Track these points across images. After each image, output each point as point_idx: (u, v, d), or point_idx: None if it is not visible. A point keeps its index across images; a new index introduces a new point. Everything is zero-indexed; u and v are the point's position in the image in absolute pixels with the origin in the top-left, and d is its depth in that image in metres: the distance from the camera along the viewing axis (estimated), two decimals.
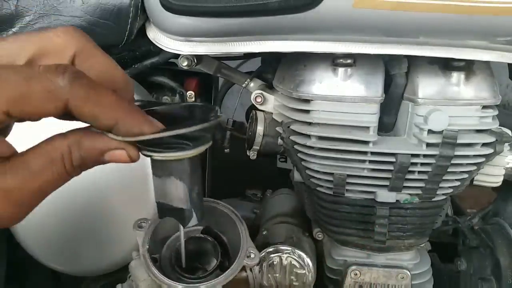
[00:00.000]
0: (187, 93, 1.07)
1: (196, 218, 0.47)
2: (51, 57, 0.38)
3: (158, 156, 0.42)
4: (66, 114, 0.37)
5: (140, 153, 0.42)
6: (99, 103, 0.37)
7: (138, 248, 0.65)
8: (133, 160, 0.41)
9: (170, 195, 0.45)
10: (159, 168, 0.45)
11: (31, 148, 0.38)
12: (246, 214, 1.22)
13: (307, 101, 0.81)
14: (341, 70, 0.79)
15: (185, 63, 0.82)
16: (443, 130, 0.79)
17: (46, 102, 0.35)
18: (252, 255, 0.63)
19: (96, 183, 0.79)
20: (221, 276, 0.61)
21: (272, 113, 0.90)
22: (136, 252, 0.66)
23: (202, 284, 0.61)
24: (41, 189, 0.38)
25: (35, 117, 0.37)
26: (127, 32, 0.78)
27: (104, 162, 0.41)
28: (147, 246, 0.64)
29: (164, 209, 0.47)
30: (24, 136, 0.78)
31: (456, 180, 0.86)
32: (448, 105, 0.80)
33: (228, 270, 0.62)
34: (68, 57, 0.39)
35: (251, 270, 0.67)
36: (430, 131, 0.80)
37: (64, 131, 0.40)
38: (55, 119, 0.39)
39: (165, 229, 0.68)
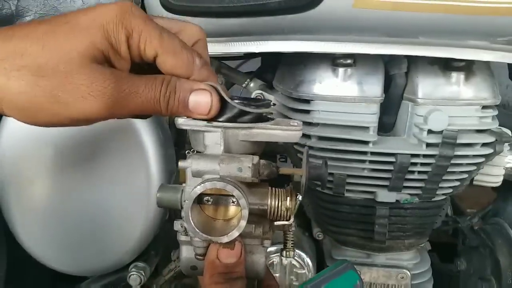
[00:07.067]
0: None
1: None
2: (184, 36, 0.51)
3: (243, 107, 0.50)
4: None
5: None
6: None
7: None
8: (212, 109, 0.48)
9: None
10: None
11: (139, 76, 0.47)
12: None
13: (307, 101, 0.81)
14: (341, 70, 0.79)
15: None
16: (443, 130, 0.79)
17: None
18: (296, 123, 0.52)
19: (96, 184, 0.79)
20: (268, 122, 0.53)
21: (272, 113, 0.90)
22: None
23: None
24: (134, 108, 0.46)
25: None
26: None
27: (188, 106, 0.48)
28: None
29: None
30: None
31: (456, 180, 0.86)
32: (448, 105, 0.80)
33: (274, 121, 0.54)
34: (193, 41, 0.52)
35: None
36: (430, 131, 0.80)
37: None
38: None
39: None
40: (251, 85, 0.93)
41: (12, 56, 0.42)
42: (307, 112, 0.81)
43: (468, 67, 0.80)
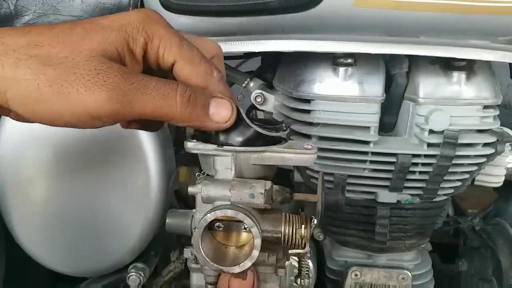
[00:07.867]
0: None
1: None
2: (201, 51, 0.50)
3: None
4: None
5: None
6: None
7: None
8: (231, 118, 0.47)
9: None
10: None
11: (151, 76, 0.45)
12: None
13: (307, 101, 0.81)
14: (341, 69, 0.79)
15: None
16: (444, 130, 0.78)
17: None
18: (310, 146, 0.50)
19: (95, 184, 0.79)
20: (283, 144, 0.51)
21: (272, 113, 0.90)
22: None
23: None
24: (143, 106, 0.43)
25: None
26: None
27: (208, 113, 0.46)
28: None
29: None
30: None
31: (457, 180, 0.85)
32: (449, 105, 0.79)
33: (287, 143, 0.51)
34: (209, 56, 0.51)
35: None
36: (431, 131, 0.79)
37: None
38: None
39: None
40: (251, 84, 0.92)
41: (25, 47, 0.42)
42: (308, 112, 0.81)
43: (469, 67, 0.79)
